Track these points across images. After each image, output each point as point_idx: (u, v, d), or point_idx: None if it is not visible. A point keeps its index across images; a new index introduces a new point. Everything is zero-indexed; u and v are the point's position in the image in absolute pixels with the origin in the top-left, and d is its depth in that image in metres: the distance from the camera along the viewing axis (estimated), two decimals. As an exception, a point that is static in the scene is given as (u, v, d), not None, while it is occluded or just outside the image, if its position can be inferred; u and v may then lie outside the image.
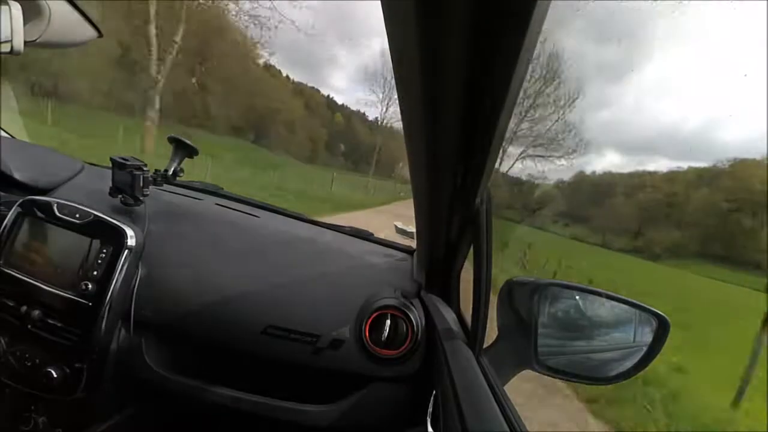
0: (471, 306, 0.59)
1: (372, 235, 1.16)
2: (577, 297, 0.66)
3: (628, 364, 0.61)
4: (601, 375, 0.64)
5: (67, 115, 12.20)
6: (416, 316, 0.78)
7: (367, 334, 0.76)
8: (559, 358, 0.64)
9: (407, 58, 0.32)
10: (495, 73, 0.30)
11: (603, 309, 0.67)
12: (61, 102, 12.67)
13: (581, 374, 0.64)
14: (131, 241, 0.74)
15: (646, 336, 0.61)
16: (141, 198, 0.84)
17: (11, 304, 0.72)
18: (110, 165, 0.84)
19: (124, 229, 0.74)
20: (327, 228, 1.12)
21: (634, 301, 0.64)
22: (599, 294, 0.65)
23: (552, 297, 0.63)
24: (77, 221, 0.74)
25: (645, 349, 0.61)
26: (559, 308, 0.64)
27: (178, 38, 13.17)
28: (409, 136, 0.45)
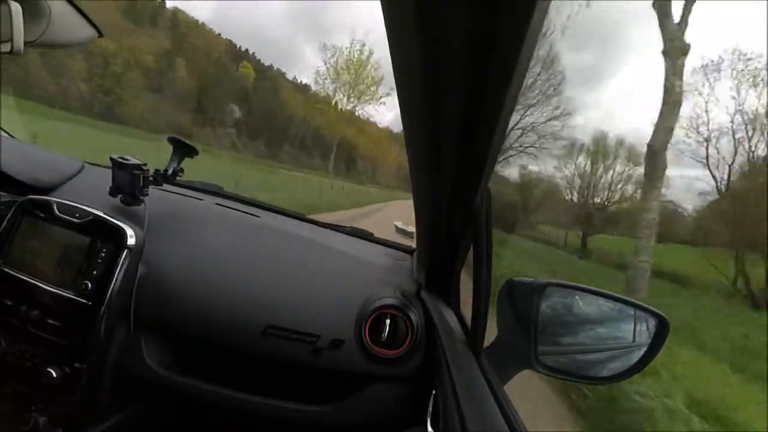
0: (471, 306, 0.59)
1: (372, 235, 1.16)
2: (577, 297, 0.66)
3: (628, 363, 0.61)
4: (601, 374, 0.64)
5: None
6: (416, 315, 0.78)
7: (367, 334, 0.76)
8: (558, 357, 0.64)
9: (407, 57, 0.32)
10: (495, 73, 0.30)
11: (602, 309, 0.67)
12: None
13: (581, 374, 0.64)
14: (131, 241, 0.74)
15: (646, 335, 0.61)
16: (141, 198, 0.84)
17: (11, 303, 0.72)
18: (110, 165, 0.84)
19: (123, 229, 0.74)
20: (327, 228, 1.12)
21: (634, 301, 0.64)
22: (599, 294, 0.65)
23: (552, 297, 0.63)
24: (77, 221, 0.74)
25: (645, 348, 0.61)
26: (559, 308, 0.65)
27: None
28: (409, 136, 0.45)
